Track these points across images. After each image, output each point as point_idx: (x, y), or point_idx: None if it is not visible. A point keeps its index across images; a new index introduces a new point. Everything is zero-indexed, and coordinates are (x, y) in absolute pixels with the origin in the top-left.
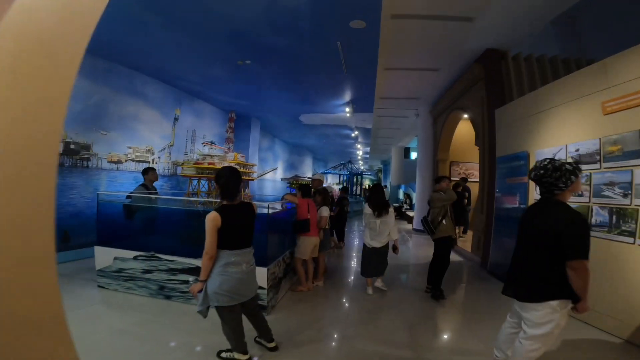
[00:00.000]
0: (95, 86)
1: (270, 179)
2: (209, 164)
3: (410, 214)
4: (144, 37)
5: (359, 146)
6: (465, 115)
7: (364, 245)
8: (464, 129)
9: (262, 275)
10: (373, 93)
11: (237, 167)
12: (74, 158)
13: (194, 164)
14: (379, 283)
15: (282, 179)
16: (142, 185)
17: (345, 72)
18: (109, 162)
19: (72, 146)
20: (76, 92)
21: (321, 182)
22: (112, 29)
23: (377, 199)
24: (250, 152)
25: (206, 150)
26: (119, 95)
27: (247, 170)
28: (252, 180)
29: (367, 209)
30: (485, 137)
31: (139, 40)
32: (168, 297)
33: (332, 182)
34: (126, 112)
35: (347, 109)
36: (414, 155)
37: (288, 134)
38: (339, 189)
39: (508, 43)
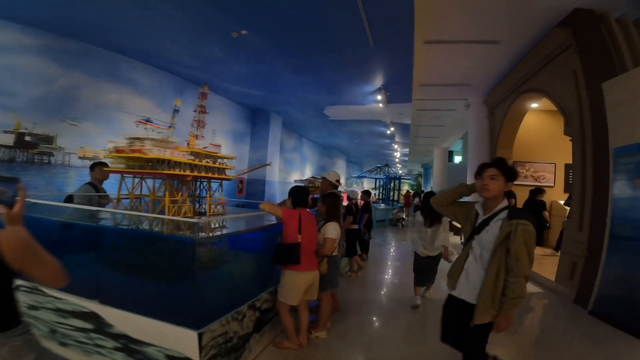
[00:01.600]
0: (62, 69)
1: (297, 183)
2: (133, 151)
3: (459, 224)
4: (118, 12)
5: (395, 146)
6: (534, 105)
7: (416, 254)
8: (531, 120)
9: (190, 341)
10: (410, 76)
11: (191, 158)
12: (30, 152)
13: (116, 152)
14: (428, 294)
15: (295, 181)
16: (89, 184)
17: (372, 44)
18: (80, 157)
19: (27, 138)
20: (32, 74)
21: (331, 184)
22: (84, 5)
23: (429, 208)
24: (269, 151)
25: (141, 132)
26: (96, 81)
27: (217, 165)
28: (228, 179)
29: (419, 217)
30: (586, 122)
31: (114, 16)
32: (63, 344)
33: (368, 187)
34: (106, 100)
35: (379, 97)
36: (457, 158)
37: (316, 132)
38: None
39: (602, 2)
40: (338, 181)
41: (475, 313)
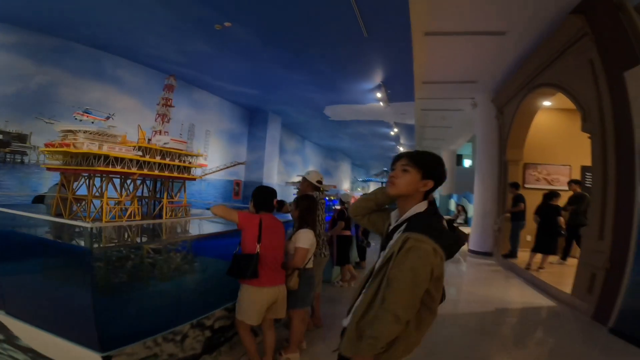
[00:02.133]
0: (37, 66)
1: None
2: (61, 145)
3: (466, 230)
4: (95, 6)
5: (401, 149)
6: (546, 103)
7: None
8: (543, 120)
9: None
10: (410, 72)
11: (137, 153)
12: (2, 151)
13: (45, 146)
14: None
15: (287, 183)
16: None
17: (366, 34)
18: None
19: None
20: (3, 71)
21: (311, 185)
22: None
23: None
24: (266, 152)
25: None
26: (76, 78)
27: (175, 162)
28: (192, 179)
29: None
30: (607, 116)
31: (91, 10)
32: None
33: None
34: (87, 98)
35: (379, 95)
36: (467, 162)
37: (317, 134)
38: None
39: None
40: (320, 182)
41: (340, 344)
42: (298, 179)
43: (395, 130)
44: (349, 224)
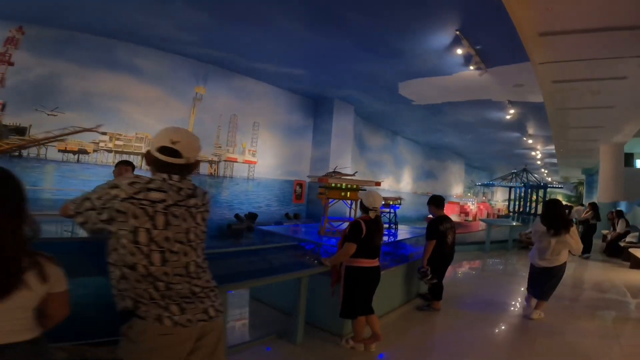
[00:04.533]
0: (37, 58)
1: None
2: None
3: None
4: None
5: (530, 142)
6: None
7: (531, 265)
8: None
9: None
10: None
11: None
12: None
13: None
14: (536, 314)
15: (309, 177)
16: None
17: None
18: (60, 151)
19: None
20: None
21: (151, 159)
22: None
23: (554, 216)
24: (332, 147)
25: None
26: (85, 69)
27: None
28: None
29: (540, 227)
30: None
31: None
32: None
33: (502, 198)
34: (96, 88)
35: (460, 52)
36: None
37: (409, 127)
38: (429, 200)
39: None
40: (170, 149)
41: None
42: (389, 182)
43: (512, 112)
44: (371, 247)
